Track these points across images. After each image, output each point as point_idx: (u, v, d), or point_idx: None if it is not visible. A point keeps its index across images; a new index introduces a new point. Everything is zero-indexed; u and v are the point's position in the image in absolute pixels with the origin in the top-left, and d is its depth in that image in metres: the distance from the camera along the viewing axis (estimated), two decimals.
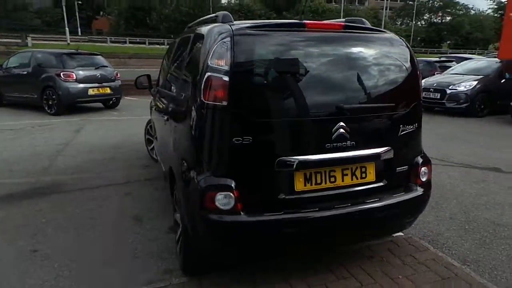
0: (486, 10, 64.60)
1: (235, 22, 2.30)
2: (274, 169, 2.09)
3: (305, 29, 2.23)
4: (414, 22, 60.12)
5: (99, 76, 9.36)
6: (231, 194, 2.03)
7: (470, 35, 59.40)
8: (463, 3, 67.36)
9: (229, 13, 2.41)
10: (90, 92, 9.11)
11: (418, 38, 59.46)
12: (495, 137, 7.13)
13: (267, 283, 2.40)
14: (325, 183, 2.20)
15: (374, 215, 2.29)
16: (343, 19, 2.66)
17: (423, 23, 66.95)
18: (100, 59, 9.94)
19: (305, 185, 2.16)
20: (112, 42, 40.63)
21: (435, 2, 63.73)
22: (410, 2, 66.03)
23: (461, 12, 62.92)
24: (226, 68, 2.00)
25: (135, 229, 3.23)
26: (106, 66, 9.85)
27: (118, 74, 10.05)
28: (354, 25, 2.40)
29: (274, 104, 2.08)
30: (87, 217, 3.45)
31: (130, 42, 40.91)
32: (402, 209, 2.41)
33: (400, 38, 2.48)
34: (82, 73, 9.06)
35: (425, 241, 2.96)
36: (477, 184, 4.35)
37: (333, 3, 64.29)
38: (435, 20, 65.93)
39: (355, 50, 2.28)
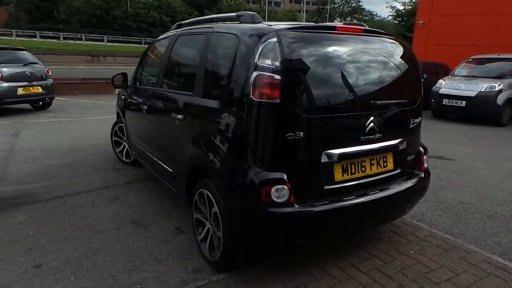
0: (387, 17, 72.05)
1: (270, 23, 2.40)
2: (320, 161, 2.25)
3: (335, 32, 2.42)
4: None
5: (28, 74, 8.42)
6: (285, 187, 2.13)
7: None
8: (368, 10, 74.04)
9: (257, 14, 2.50)
10: (20, 91, 8.17)
11: None
12: (429, 131, 8.15)
13: (301, 270, 2.55)
14: (358, 172, 2.43)
15: (396, 199, 2.59)
16: (345, 22, 2.90)
17: None
18: (26, 54, 8.94)
19: (342, 175, 2.36)
20: (18, 36, 36.16)
21: (345, 8, 69.19)
22: (322, 7, 70.53)
23: (367, 18, 69.17)
24: (277, 66, 2.09)
25: (141, 233, 3.11)
26: (36, 63, 8.91)
27: (50, 72, 9.15)
28: (370, 29, 2.65)
29: (319, 101, 2.22)
30: (83, 226, 3.21)
31: (41, 37, 36.86)
32: (414, 193, 2.75)
33: (404, 42, 2.82)
34: (7, 70, 8.08)
35: (416, 221, 3.39)
36: (433, 170, 5.00)
37: (251, 4, 65.82)
38: None
39: (376, 51, 2.55)
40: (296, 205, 2.16)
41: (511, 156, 6.00)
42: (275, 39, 2.15)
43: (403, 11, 72.39)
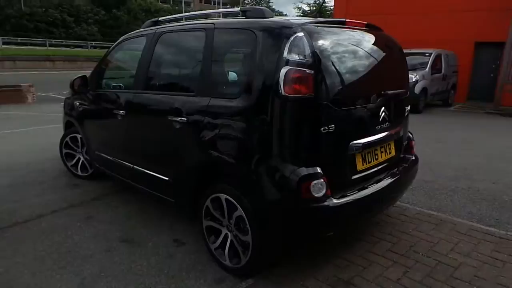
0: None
1: (288, 18, 2.36)
2: (348, 152, 2.30)
3: (345, 26, 2.48)
4: None
5: None
6: (322, 180, 2.13)
7: None
8: (278, 10, 77.13)
9: (267, 9, 2.45)
10: None
11: None
12: None
13: (326, 263, 2.58)
14: (373, 160, 2.54)
15: (402, 181, 2.76)
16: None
17: None
18: None
19: (362, 165, 2.44)
20: None
21: None
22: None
23: None
24: (308, 60, 2.08)
25: (138, 251, 2.83)
26: None
27: None
28: (370, 24, 2.76)
29: (345, 93, 2.26)
30: (64, 252, 2.79)
31: None
32: (412, 175, 2.96)
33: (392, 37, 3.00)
34: None
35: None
36: None
37: (163, 4, 63.77)
38: None
39: (378, 44, 2.67)
40: (332, 198, 2.18)
41: (439, 138, 6.81)
42: (302, 34, 2.12)
43: (309, 11, 77.09)
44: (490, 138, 7.07)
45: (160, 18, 3.29)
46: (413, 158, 3.03)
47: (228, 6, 70.67)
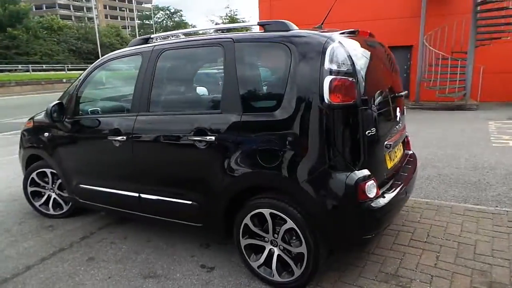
0: (210, 31, 77.03)
1: (313, 31, 2.43)
2: (383, 153, 2.44)
3: (357, 35, 2.64)
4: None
5: None
6: (373, 181, 2.24)
7: None
8: (191, 24, 77.05)
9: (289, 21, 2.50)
10: None
11: None
12: None
13: (362, 262, 2.68)
14: (394, 159, 2.72)
15: (414, 176, 3.00)
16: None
17: None
18: None
19: (390, 163, 2.61)
20: None
21: (169, 22, 70.10)
22: (146, 22, 69.97)
23: None
24: (349, 69, 2.18)
25: (171, 285, 2.63)
26: None
27: None
28: (371, 32, 2.95)
29: (377, 97, 2.40)
30: None
31: None
32: (416, 170, 3.22)
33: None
34: None
35: None
36: None
37: (66, 20, 59.46)
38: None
39: (384, 50, 2.89)
40: (382, 197, 2.29)
41: None
42: (338, 44, 2.22)
43: (221, 23, 78.05)
44: (427, 129, 7.94)
45: (152, 36, 3.11)
46: (412, 153, 3.30)
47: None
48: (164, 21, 70.14)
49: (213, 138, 2.50)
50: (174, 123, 2.74)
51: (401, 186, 2.60)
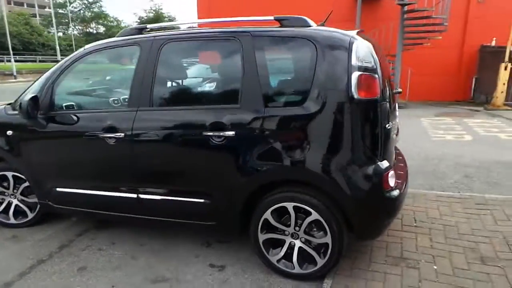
0: (134, 24, 73.40)
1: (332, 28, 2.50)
2: (393, 145, 2.62)
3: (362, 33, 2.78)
4: (73, 31, 59.34)
5: None
6: (393, 172, 2.40)
7: None
8: (114, 16, 72.56)
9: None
10: None
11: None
12: None
13: (367, 249, 2.85)
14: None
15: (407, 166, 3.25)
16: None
17: (76, 32, 66.98)
18: None
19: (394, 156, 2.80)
20: None
21: (87, 12, 65.01)
22: (60, 11, 64.07)
23: (112, 23, 67.59)
24: (373, 65, 2.31)
25: (184, 287, 2.51)
26: None
27: None
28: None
29: (389, 92, 2.55)
30: None
31: None
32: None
33: None
34: None
35: None
36: None
37: None
38: (90, 30, 67.55)
39: (380, 49, 3.06)
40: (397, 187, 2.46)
41: None
42: (362, 41, 2.33)
43: (146, 17, 74.86)
44: None
45: (148, 26, 2.91)
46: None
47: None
48: (81, 11, 64.93)
49: (232, 133, 2.44)
50: (185, 117, 2.61)
51: (406, 178, 2.81)
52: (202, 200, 2.64)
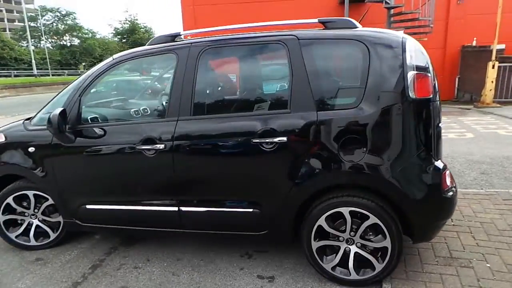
0: (109, 35, 72.45)
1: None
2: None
3: None
4: (45, 44, 57.93)
5: None
6: (448, 171, 2.39)
7: (103, 57, 64.48)
8: (88, 28, 71.35)
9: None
10: None
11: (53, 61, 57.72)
12: None
13: (413, 249, 2.83)
14: None
15: None
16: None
17: (50, 45, 65.46)
18: None
19: None
20: None
21: (60, 25, 63.65)
22: (32, 24, 62.48)
23: (87, 35, 66.37)
24: (427, 65, 2.31)
25: None
26: None
27: None
28: None
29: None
30: None
31: None
32: None
33: None
34: None
35: None
36: None
37: None
38: (64, 43, 66.15)
39: None
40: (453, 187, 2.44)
41: None
42: (413, 40, 2.32)
43: (121, 29, 73.73)
44: None
45: (181, 32, 2.81)
46: None
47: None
48: (54, 24, 63.49)
49: (284, 138, 2.37)
50: (231, 125, 2.52)
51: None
52: (251, 210, 2.55)
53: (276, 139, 2.38)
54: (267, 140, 2.39)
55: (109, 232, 3.37)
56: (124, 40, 75.57)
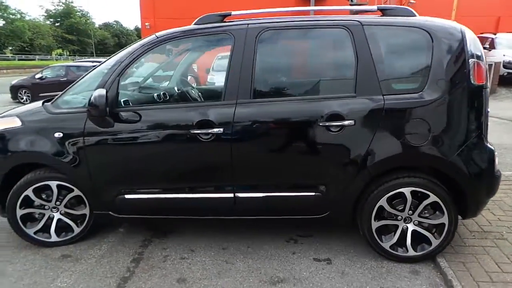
0: (39, 17, 66.42)
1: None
2: None
3: None
4: None
5: None
6: (496, 153, 2.59)
7: (34, 41, 58.92)
8: (16, 8, 64.76)
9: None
10: None
11: None
12: None
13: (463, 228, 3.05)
14: None
15: None
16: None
17: None
18: None
19: None
20: None
21: None
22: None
23: (14, 16, 60.22)
24: (481, 53, 2.48)
25: (306, 284, 2.43)
26: None
27: None
28: None
29: None
30: None
31: None
32: None
33: None
34: None
35: None
36: None
37: None
38: None
39: None
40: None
41: None
42: (469, 31, 2.48)
43: (54, 11, 67.87)
44: None
45: (233, 12, 2.70)
46: None
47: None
48: None
49: (352, 122, 2.42)
50: (295, 108, 2.50)
51: None
52: (313, 193, 2.57)
53: (346, 122, 2.41)
54: (335, 124, 2.42)
55: (138, 223, 3.18)
56: (57, 24, 69.80)
